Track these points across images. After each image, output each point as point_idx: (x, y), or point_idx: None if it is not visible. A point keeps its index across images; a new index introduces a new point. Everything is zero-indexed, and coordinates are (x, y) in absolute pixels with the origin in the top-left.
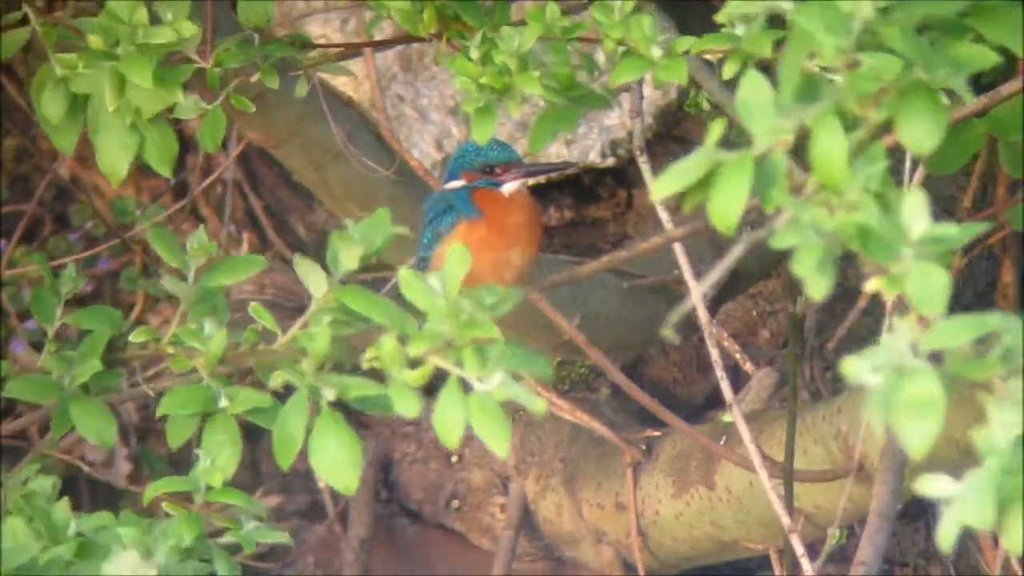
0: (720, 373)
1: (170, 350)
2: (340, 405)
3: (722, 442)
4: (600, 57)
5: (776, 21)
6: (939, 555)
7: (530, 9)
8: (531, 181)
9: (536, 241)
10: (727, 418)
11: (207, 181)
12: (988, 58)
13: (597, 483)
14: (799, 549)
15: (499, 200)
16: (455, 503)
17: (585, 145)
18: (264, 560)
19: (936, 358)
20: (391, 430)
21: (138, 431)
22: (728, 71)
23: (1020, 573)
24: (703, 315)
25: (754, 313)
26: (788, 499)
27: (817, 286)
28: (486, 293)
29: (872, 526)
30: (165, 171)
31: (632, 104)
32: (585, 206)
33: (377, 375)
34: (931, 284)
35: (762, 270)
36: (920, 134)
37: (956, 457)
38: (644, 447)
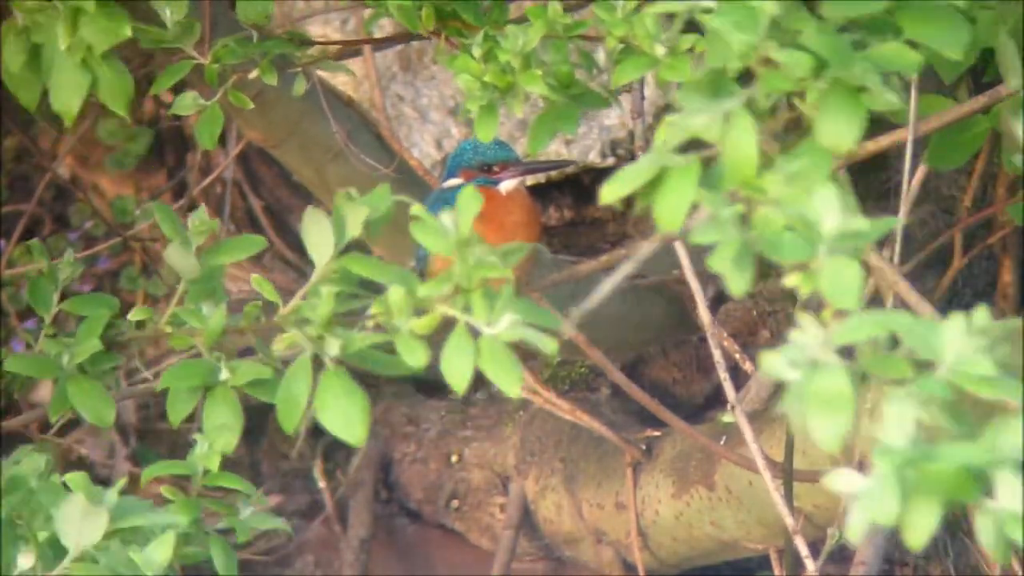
0: (723, 374)
1: (168, 329)
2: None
3: (722, 442)
4: (600, 56)
5: None
6: (939, 555)
7: (531, 7)
8: (530, 180)
9: (533, 239)
10: (727, 418)
11: (207, 180)
12: (910, 59)
13: (597, 483)
14: (803, 550)
15: (496, 199)
16: (455, 503)
17: (585, 145)
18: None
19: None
20: (391, 430)
21: (137, 431)
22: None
23: (1020, 573)
24: (705, 316)
25: (754, 313)
26: (788, 499)
27: (736, 282)
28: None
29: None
30: (120, 109)
31: (632, 104)
32: (585, 206)
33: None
34: (844, 279)
35: (762, 270)
36: (838, 132)
37: None
38: (644, 447)
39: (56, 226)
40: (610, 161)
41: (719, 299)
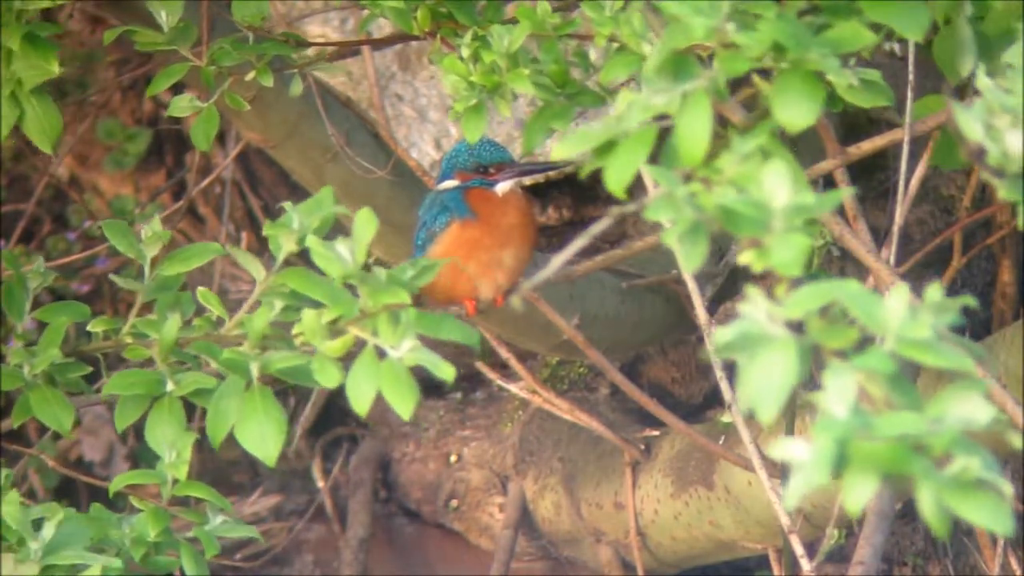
0: (720, 373)
1: (129, 340)
2: (333, 400)
3: (721, 442)
4: (595, 56)
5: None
6: (938, 555)
7: (521, 7)
8: (528, 181)
9: (529, 241)
10: (725, 418)
11: (206, 181)
12: (865, 38)
13: (596, 482)
14: (799, 549)
15: (492, 200)
16: (454, 503)
17: None
18: (259, 558)
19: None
20: (390, 430)
21: (136, 430)
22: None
23: (1020, 573)
24: (703, 315)
25: None
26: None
27: (688, 257)
28: (409, 267)
29: (870, 526)
30: (45, 147)
31: None
32: (584, 206)
33: None
34: (793, 249)
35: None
36: (795, 113)
37: None
38: (643, 447)
39: (55, 226)
40: None
41: (717, 298)
